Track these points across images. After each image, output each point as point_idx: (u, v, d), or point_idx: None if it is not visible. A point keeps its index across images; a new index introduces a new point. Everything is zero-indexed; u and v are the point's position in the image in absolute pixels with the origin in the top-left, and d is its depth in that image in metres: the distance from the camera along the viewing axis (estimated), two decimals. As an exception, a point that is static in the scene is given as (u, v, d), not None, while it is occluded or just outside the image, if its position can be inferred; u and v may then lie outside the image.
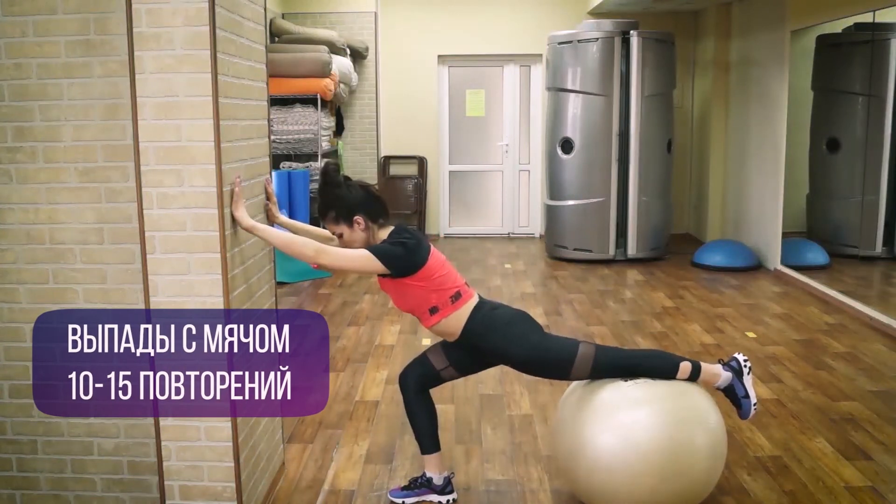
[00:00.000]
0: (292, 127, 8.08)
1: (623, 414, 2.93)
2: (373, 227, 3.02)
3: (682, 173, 9.71)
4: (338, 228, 3.02)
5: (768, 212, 7.69)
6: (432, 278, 2.98)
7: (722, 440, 2.99)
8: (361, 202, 3.00)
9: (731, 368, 3.12)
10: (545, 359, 3.01)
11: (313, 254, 2.82)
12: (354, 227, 3.00)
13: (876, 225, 6.51)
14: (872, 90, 6.48)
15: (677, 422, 2.89)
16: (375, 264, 2.88)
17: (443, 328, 3.04)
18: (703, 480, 2.95)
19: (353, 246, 3.02)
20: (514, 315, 3.09)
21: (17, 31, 2.73)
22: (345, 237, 3.02)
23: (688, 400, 2.97)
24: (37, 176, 2.80)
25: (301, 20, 9.23)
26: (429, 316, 3.02)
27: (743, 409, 3.10)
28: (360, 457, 3.67)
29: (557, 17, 9.54)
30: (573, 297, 6.77)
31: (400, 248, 2.93)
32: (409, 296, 3.00)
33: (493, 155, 10.06)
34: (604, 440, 2.90)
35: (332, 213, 3.01)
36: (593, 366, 3.00)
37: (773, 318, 6.01)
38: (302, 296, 6.88)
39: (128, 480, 2.97)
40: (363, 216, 2.99)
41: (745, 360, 3.15)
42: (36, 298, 2.87)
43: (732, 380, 3.10)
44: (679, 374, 3.03)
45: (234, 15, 2.75)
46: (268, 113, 3.23)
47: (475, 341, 3.04)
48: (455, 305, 3.01)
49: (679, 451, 2.86)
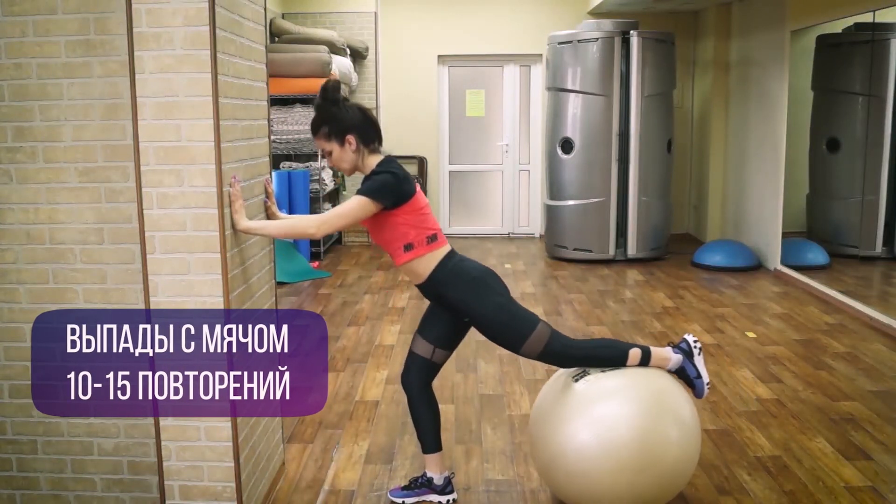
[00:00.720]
0: (292, 127, 8.08)
1: (598, 410, 2.92)
2: (363, 151, 3.00)
3: (682, 173, 9.71)
4: (328, 145, 2.99)
5: (768, 212, 7.69)
6: (416, 211, 2.97)
7: (695, 431, 3.00)
8: (356, 123, 2.98)
9: (681, 350, 3.12)
10: (503, 323, 3.00)
11: (315, 228, 2.83)
12: (345, 147, 2.98)
13: (876, 225, 6.51)
14: (872, 90, 6.48)
15: (652, 415, 2.89)
16: (370, 205, 2.87)
17: (413, 267, 3.02)
18: (679, 473, 2.95)
19: (340, 166, 3.01)
20: (484, 271, 3.08)
21: (17, 31, 2.73)
22: (334, 155, 3.00)
23: (661, 392, 2.98)
24: (37, 176, 2.80)
25: (301, 20, 9.24)
26: (402, 252, 2.99)
27: (696, 389, 3.12)
28: (360, 457, 3.67)
29: (557, 17, 9.54)
30: (573, 297, 6.77)
31: (389, 176, 2.91)
32: (389, 228, 2.97)
33: (493, 155, 10.06)
34: (579, 439, 2.89)
35: (325, 128, 2.98)
36: (545, 347, 3.00)
37: (773, 318, 6.01)
38: (302, 296, 6.88)
39: (128, 480, 2.97)
40: (356, 136, 2.97)
41: (695, 340, 3.15)
42: (36, 298, 2.87)
43: (683, 362, 3.10)
44: (629, 361, 3.04)
45: (234, 15, 2.75)
46: (268, 113, 3.23)
47: (440, 289, 3.02)
48: (430, 247, 2.99)
49: (654, 445, 2.87)
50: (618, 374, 3.01)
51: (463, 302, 3.02)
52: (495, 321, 3.01)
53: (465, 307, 3.03)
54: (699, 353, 3.14)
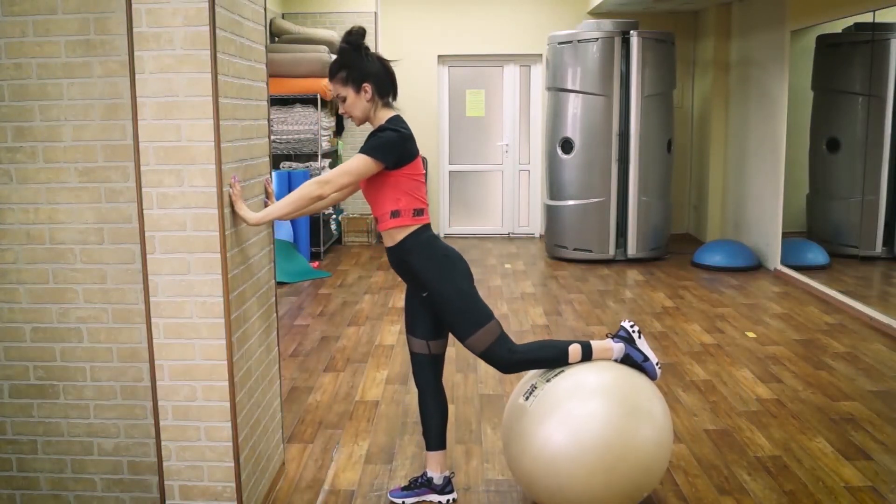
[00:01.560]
0: (292, 127, 8.08)
1: (571, 409, 2.90)
2: (377, 102, 2.99)
3: (682, 173, 9.72)
4: (344, 90, 2.96)
5: (768, 212, 7.70)
6: (413, 176, 2.96)
7: (667, 427, 2.98)
8: (375, 72, 2.97)
9: (621, 339, 3.11)
10: (460, 308, 2.99)
11: (319, 187, 2.82)
12: (360, 94, 2.96)
13: (876, 225, 6.51)
14: (872, 90, 6.48)
15: (623, 415, 2.88)
16: (372, 163, 2.86)
17: (391, 234, 3.01)
18: (652, 470, 2.93)
19: (352, 113, 2.99)
20: (453, 253, 3.07)
21: (17, 31, 2.73)
22: (348, 101, 2.98)
23: (632, 390, 2.96)
24: (37, 176, 2.80)
25: (301, 20, 9.24)
26: (388, 218, 2.98)
27: (648, 371, 3.09)
28: (360, 457, 3.67)
29: (557, 17, 9.54)
30: (573, 297, 6.77)
31: (394, 134, 2.91)
32: (384, 188, 2.95)
33: (493, 155, 10.06)
34: (554, 439, 2.88)
35: (343, 72, 2.95)
36: (491, 345, 2.99)
37: (773, 318, 6.01)
38: (302, 296, 6.88)
39: (128, 480, 2.97)
40: (372, 86, 2.96)
41: (632, 325, 3.13)
42: (36, 298, 2.87)
43: (627, 349, 3.09)
44: (570, 359, 3.03)
45: (234, 15, 2.75)
46: (268, 113, 3.23)
47: (406, 256, 3.00)
48: (414, 219, 2.99)
49: (626, 444, 2.85)
50: (564, 378, 2.98)
51: (425, 274, 3.00)
52: (453, 303, 2.99)
53: (426, 280, 3.01)
54: (639, 336, 3.12)
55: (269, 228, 3.22)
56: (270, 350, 3.24)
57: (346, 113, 3.01)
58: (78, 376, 2.90)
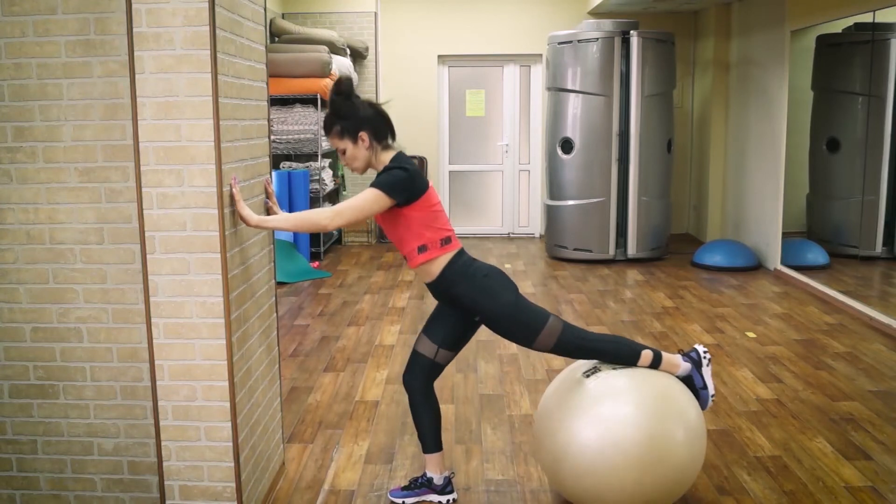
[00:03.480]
0: (292, 127, 8.08)
1: (604, 410, 2.92)
2: (376, 147, 3.01)
3: (682, 173, 9.71)
4: (341, 143, 2.99)
5: (768, 212, 7.69)
6: (430, 208, 2.98)
7: (701, 432, 3.00)
8: (368, 119, 2.98)
9: (690, 359, 3.14)
10: (515, 320, 3.01)
11: (329, 219, 2.82)
12: (358, 144, 2.97)
13: (876, 225, 6.51)
14: (872, 90, 6.48)
15: (657, 416, 2.89)
16: (384, 199, 2.87)
17: (426, 269, 3.03)
18: (685, 473, 2.95)
19: (353, 165, 3.02)
20: (493, 269, 3.09)
21: (17, 31, 2.73)
22: (348, 153, 3.00)
23: (667, 395, 2.98)
24: (37, 176, 2.80)
25: (301, 20, 9.24)
26: (416, 255, 2.99)
27: (701, 398, 3.13)
28: (360, 457, 3.67)
29: (557, 17, 9.54)
30: (573, 297, 6.77)
31: (402, 171, 2.92)
32: (403, 227, 2.97)
33: (493, 155, 10.06)
34: (585, 436, 2.90)
35: (337, 126, 2.98)
36: (558, 340, 3.01)
37: (773, 318, 6.01)
38: (302, 296, 6.88)
39: (128, 480, 2.97)
40: (368, 133, 2.97)
41: (705, 351, 3.16)
42: (36, 298, 2.87)
43: (691, 370, 3.12)
44: (640, 362, 3.05)
45: (234, 15, 2.75)
46: (268, 113, 3.23)
47: (450, 288, 3.03)
48: (443, 249, 3.00)
49: (659, 446, 2.87)
50: (627, 373, 3.02)
51: (473, 300, 3.03)
52: (507, 318, 3.01)
53: (475, 305, 3.03)
54: (707, 364, 3.15)
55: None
56: (270, 350, 3.24)
57: (348, 164, 3.03)
58: (78, 376, 2.90)
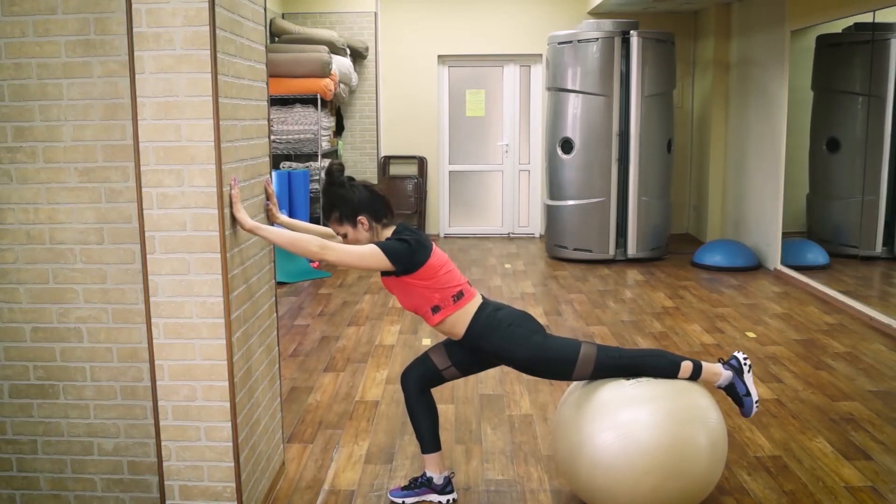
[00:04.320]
0: (292, 127, 8.08)
1: (623, 413, 2.91)
2: (376, 227, 3.04)
3: (682, 173, 9.71)
4: (342, 229, 3.04)
5: (768, 212, 7.69)
6: (435, 277, 2.99)
7: (722, 438, 2.98)
8: (365, 202, 3.01)
9: (731, 367, 3.13)
10: (548, 359, 3.02)
11: (318, 250, 2.81)
12: (358, 228, 3.01)
13: (876, 225, 6.51)
14: (872, 90, 6.48)
15: (678, 421, 2.88)
16: (381, 259, 2.89)
17: (447, 327, 3.06)
18: (704, 479, 2.94)
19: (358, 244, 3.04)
20: (518, 316, 3.10)
21: (17, 31, 2.73)
22: (349, 237, 3.04)
23: (688, 399, 2.96)
24: (37, 176, 2.80)
25: (301, 20, 9.24)
26: (431, 315, 3.03)
27: (745, 407, 3.11)
28: (360, 457, 3.67)
29: (557, 17, 9.54)
30: (573, 297, 6.77)
31: (403, 244, 2.94)
32: (412, 295, 3.02)
33: (493, 155, 10.06)
34: (604, 439, 2.89)
35: (335, 213, 3.03)
36: (595, 367, 3.01)
37: (773, 318, 6.01)
38: (302, 296, 6.88)
39: (128, 480, 2.97)
40: (367, 216, 3.00)
41: (745, 358, 3.16)
42: (36, 298, 2.87)
43: (733, 378, 3.11)
44: (681, 374, 3.04)
45: (234, 15, 2.75)
46: (268, 113, 3.23)
47: (478, 342, 3.05)
48: (457, 305, 3.02)
49: (680, 450, 2.86)
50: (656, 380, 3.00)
51: (502, 350, 3.04)
52: (539, 361, 3.02)
53: (505, 355, 3.05)
54: (749, 371, 3.13)
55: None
56: (270, 350, 3.24)
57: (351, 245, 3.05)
58: (78, 376, 2.90)
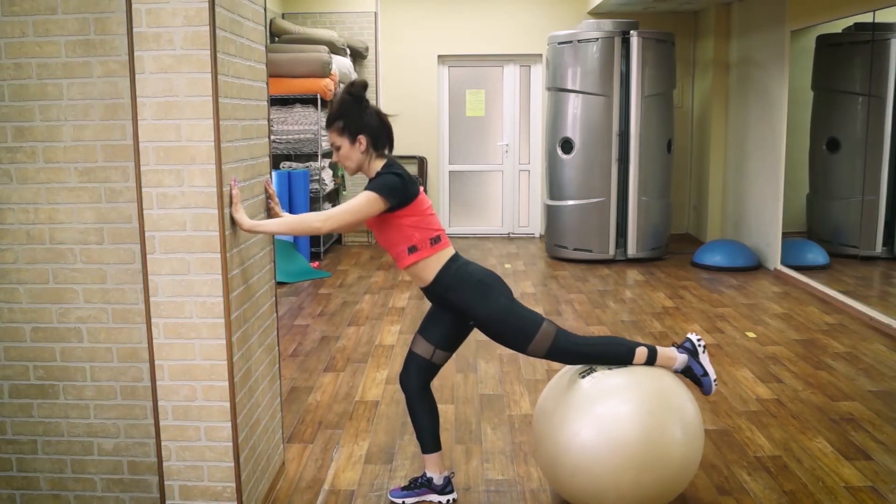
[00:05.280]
0: (292, 127, 8.08)
1: (603, 406, 2.91)
2: (371, 154, 3.02)
3: (682, 173, 9.71)
4: (339, 140, 3.00)
5: (768, 212, 7.69)
6: (422, 214, 3.00)
7: (699, 432, 3.00)
8: (372, 125, 3.00)
9: (686, 350, 3.13)
10: (509, 324, 3.01)
11: (321, 224, 2.84)
12: (355, 145, 2.99)
13: (876, 225, 6.51)
14: (872, 90, 6.48)
15: (654, 414, 2.89)
16: (378, 202, 2.89)
17: (417, 271, 3.03)
18: (681, 473, 2.94)
19: (345, 164, 3.02)
20: (488, 274, 3.09)
21: (17, 31, 2.73)
22: (342, 151, 3.01)
23: (664, 392, 2.97)
24: (37, 176, 2.80)
25: (301, 20, 9.24)
26: (406, 255, 3.01)
27: (704, 386, 3.13)
28: (360, 457, 3.67)
29: (557, 17, 9.54)
30: (573, 297, 6.77)
31: (395, 177, 2.93)
32: (394, 230, 2.99)
33: (493, 155, 10.06)
34: (585, 435, 2.89)
35: (340, 122, 2.99)
36: (551, 345, 3.01)
37: (773, 318, 6.01)
38: (302, 296, 6.88)
39: (128, 480, 2.97)
40: (368, 138, 2.99)
41: (699, 339, 3.16)
42: (36, 298, 2.87)
43: (689, 361, 3.11)
44: (636, 360, 3.05)
45: (234, 15, 2.75)
46: (268, 113, 3.23)
47: (445, 293, 3.04)
48: (433, 249, 3.01)
49: (657, 444, 2.86)
50: (623, 372, 3.02)
51: (468, 305, 3.03)
52: (500, 323, 3.02)
53: (469, 310, 3.04)
54: (703, 351, 3.15)
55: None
56: (270, 350, 3.24)
57: (340, 162, 3.04)
58: (78, 376, 2.90)
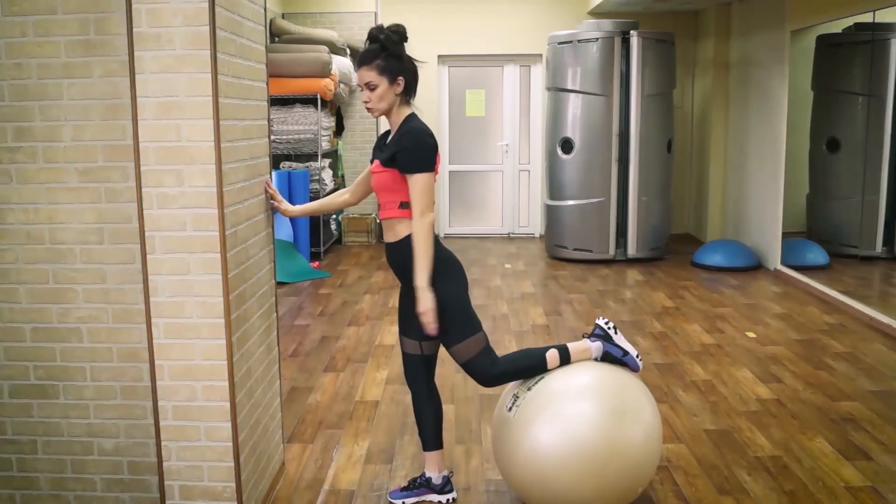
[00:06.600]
0: (292, 127, 8.08)
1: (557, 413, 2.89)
2: (401, 98, 2.97)
3: (682, 173, 9.71)
4: (378, 79, 2.90)
5: (768, 212, 7.70)
6: (435, 174, 2.98)
7: (657, 432, 2.97)
8: (411, 71, 2.97)
9: (597, 337, 3.10)
10: (452, 314, 2.97)
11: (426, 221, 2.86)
12: (393, 86, 2.92)
13: (876, 225, 6.51)
14: (872, 90, 6.48)
15: (609, 415, 2.86)
16: (431, 177, 2.91)
17: (395, 224, 2.98)
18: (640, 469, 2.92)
19: (376, 105, 2.92)
20: (453, 259, 3.06)
21: (17, 31, 2.73)
22: (378, 90, 2.91)
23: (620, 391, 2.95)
24: (37, 176, 2.80)
25: (301, 20, 9.24)
26: (395, 207, 2.94)
27: (630, 365, 3.09)
28: (360, 457, 3.67)
29: (557, 17, 9.55)
30: (573, 297, 6.77)
31: (432, 147, 2.91)
32: (399, 182, 2.92)
33: (493, 155, 10.06)
34: (542, 445, 2.87)
35: (381, 60, 2.90)
36: (475, 356, 2.99)
37: (773, 318, 6.01)
38: (302, 296, 6.88)
39: (128, 480, 2.97)
40: (405, 80, 2.94)
41: (607, 321, 3.13)
42: (36, 298, 2.87)
43: (605, 346, 3.08)
44: (549, 365, 3.02)
45: (234, 15, 2.75)
46: (268, 113, 3.23)
47: (405, 254, 2.95)
48: None
49: (613, 444, 2.84)
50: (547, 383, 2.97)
51: None
52: (446, 309, 2.96)
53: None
54: (616, 332, 3.11)
55: (269, 228, 3.23)
56: (270, 350, 3.24)
57: (370, 102, 2.93)
58: (78, 376, 2.90)
